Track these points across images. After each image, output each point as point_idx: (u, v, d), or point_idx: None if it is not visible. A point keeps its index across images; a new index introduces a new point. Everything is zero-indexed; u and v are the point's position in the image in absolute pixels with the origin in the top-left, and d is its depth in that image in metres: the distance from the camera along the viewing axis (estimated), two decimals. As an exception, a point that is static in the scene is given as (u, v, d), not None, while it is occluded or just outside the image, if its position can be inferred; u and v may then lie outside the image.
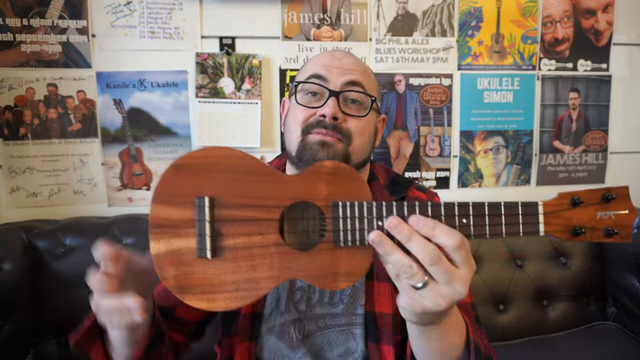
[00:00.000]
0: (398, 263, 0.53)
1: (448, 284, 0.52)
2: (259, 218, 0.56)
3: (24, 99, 1.56)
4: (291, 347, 0.82)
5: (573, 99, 1.89)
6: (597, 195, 0.56)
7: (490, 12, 1.80)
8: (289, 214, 0.61)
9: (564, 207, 0.56)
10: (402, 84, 1.78)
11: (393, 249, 0.53)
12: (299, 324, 0.83)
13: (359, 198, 0.56)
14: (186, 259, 0.55)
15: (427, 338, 0.61)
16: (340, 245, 0.56)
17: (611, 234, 0.55)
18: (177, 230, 0.55)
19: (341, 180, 0.57)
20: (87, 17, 1.57)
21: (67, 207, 1.62)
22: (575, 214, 0.56)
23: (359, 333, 0.82)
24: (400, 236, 0.53)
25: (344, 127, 0.79)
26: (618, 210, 0.56)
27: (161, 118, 1.65)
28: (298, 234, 0.62)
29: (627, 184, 0.56)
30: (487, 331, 1.66)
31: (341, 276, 0.56)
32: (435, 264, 0.52)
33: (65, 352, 1.39)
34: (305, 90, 0.83)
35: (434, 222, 0.53)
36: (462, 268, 0.53)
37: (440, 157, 1.84)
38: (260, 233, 0.56)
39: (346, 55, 0.85)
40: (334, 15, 1.71)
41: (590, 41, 1.87)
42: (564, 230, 0.56)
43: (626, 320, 1.65)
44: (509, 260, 1.65)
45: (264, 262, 0.56)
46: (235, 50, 1.66)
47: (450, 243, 0.52)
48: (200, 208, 0.55)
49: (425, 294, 0.53)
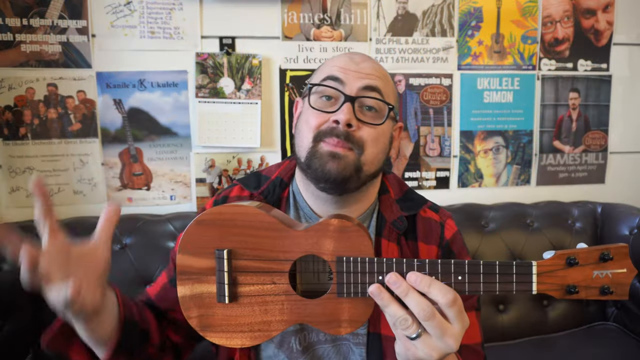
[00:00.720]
0: (394, 315, 0.58)
1: (440, 338, 0.56)
2: (272, 269, 0.63)
3: (24, 99, 1.56)
4: (290, 357, 0.82)
5: (573, 99, 1.89)
6: (594, 255, 0.57)
7: (490, 12, 1.80)
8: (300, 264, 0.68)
9: (558, 267, 0.57)
10: (402, 84, 1.78)
11: (390, 301, 0.58)
12: (300, 334, 0.82)
13: (362, 253, 0.62)
14: (207, 302, 0.64)
15: None
16: (344, 296, 0.62)
17: (606, 292, 0.57)
18: (199, 277, 0.64)
19: (346, 236, 0.62)
20: (87, 17, 1.57)
21: (67, 207, 1.62)
22: (570, 273, 0.57)
23: (358, 352, 0.82)
24: (398, 291, 0.58)
25: (357, 135, 0.75)
26: (615, 269, 0.57)
27: (161, 118, 1.65)
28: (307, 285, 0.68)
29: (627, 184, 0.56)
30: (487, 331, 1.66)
31: (344, 323, 0.63)
32: (428, 320, 0.56)
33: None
34: (319, 93, 0.79)
35: (430, 279, 0.57)
36: (454, 324, 0.57)
37: (440, 157, 1.84)
38: (272, 282, 0.63)
39: (365, 59, 0.82)
40: (334, 15, 1.71)
41: (590, 41, 1.87)
42: (557, 289, 0.58)
43: (626, 320, 1.65)
44: (509, 260, 1.65)
45: (276, 307, 0.64)
46: (235, 50, 1.66)
47: (443, 301, 0.56)
48: (219, 260, 0.63)
49: (419, 344, 0.57)
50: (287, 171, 0.90)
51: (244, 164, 1.71)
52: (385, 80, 0.82)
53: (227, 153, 1.69)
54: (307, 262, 0.68)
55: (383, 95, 0.78)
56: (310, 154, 0.76)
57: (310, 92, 0.80)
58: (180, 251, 0.64)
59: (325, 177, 0.74)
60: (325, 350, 0.83)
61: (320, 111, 0.77)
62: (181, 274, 0.64)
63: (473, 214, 1.69)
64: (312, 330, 0.83)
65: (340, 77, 0.77)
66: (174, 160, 1.67)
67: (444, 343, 0.56)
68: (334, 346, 0.83)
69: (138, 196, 1.67)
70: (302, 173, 0.81)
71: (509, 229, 1.67)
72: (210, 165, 1.69)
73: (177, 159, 1.67)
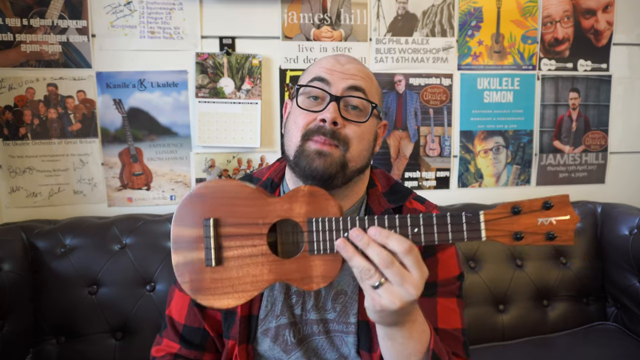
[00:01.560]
0: (359, 266, 0.62)
1: (400, 285, 0.61)
2: (252, 233, 0.70)
3: (24, 99, 1.56)
4: (285, 350, 0.85)
5: (573, 99, 1.89)
6: (537, 203, 0.62)
7: (490, 12, 1.80)
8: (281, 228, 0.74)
9: (504, 215, 0.62)
10: (402, 84, 1.78)
11: (354, 253, 0.63)
12: (294, 328, 0.85)
13: (330, 214, 0.68)
14: (197, 268, 0.70)
15: (392, 340, 0.69)
16: (315, 253, 0.68)
17: (552, 237, 0.62)
18: (190, 245, 0.71)
19: (315, 200, 0.69)
20: (87, 17, 1.57)
21: (67, 207, 1.62)
22: (515, 221, 0.62)
23: (350, 341, 0.84)
24: (360, 244, 0.63)
25: (343, 133, 0.79)
26: (558, 216, 0.61)
27: (161, 118, 1.65)
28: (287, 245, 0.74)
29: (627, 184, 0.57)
30: (487, 331, 1.67)
31: (316, 278, 0.68)
32: (388, 267, 0.61)
33: (65, 352, 1.39)
34: (306, 93, 0.82)
35: (388, 232, 0.63)
36: (412, 272, 0.61)
37: (440, 157, 1.84)
38: (252, 245, 0.69)
39: (350, 61, 0.85)
40: (334, 15, 1.71)
41: (590, 41, 1.87)
42: (504, 235, 0.62)
43: (626, 320, 1.65)
44: (509, 260, 1.65)
45: (256, 268, 0.69)
46: (235, 50, 1.66)
47: (400, 249, 0.61)
48: (206, 227, 0.70)
49: (382, 293, 0.61)
50: (277, 172, 0.93)
51: (244, 164, 1.71)
52: (370, 81, 0.85)
53: (227, 153, 1.69)
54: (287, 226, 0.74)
55: (367, 95, 0.82)
56: (298, 152, 0.80)
57: (298, 93, 0.83)
58: (175, 223, 0.71)
59: (313, 174, 0.78)
60: (319, 341, 0.86)
61: (307, 111, 0.80)
62: (175, 243, 0.71)
63: (473, 214, 1.69)
64: (305, 323, 0.85)
65: (326, 78, 0.81)
66: (174, 160, 1.67)
67: (404, 290, 0.60)
68: (328, 337, 0.85)
69: (138, 196, 1.67)
70: (291, 171, 0.85)
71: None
72: (210, 165, 1.69)
73: (177, 159, 1.67)
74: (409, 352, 0.69)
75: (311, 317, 0.85)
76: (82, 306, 1.39)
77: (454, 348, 0.82)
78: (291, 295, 0.86)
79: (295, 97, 0.83)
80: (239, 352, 0.84)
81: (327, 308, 0.86)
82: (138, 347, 1.41)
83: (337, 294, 0.85)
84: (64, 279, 1.39)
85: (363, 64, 0.88)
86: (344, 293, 0.85)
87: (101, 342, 1.41)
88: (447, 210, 1.60)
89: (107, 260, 1.42)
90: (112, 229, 1.46)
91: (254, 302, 0.85)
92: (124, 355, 1.41)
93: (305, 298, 0.85)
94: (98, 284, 1.41)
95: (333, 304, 0.85)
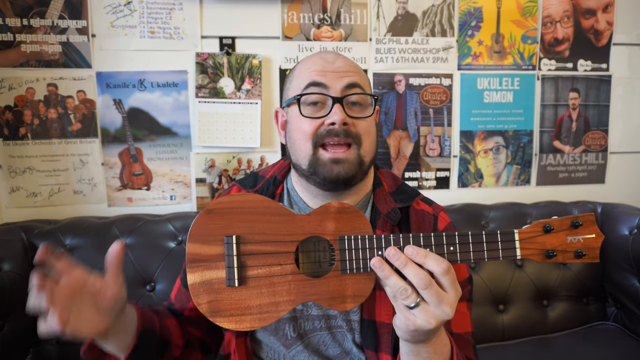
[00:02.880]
0: (395, 286, 0.61)
1: (437, 306, 0.60)
2: (278, 251, 0.67)
3: (24, 99, 1.56)
4: (285, 344, 0.85)
5: (573, 99, 1.89)
6: (566, 222, 0.64)
7: (490, 12, 1.80)
8: (304, 247, 0.71)
9: (537, 234, 0.64)
10: (402, 84, 1.78)
11: (391, 273, 0.62)
12: (294, 322, 0.85)
13: (362, 232, 0.66)
14: (217, 288, 0.66)
15: (417, 356, 0.68)
16: (347, 273, 0.66)
17: (580, 255, 0.64)
18: (208, 264, 0.67)
19: (346, 217, 0.67)
20: (87, 17, 1.57)
21: (67, 207, 1.62)
22: (547, 239, 0.64)
23: (351, 338, 0.85)
24: (397, 263, 0.62)
25: (354, 131, 0.80)
26: (586, 235, 0.64)
27: (161, 118, 1.65)
28: (311, 264, 0.72)
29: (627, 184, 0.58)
30: (487, 331, 1.66)
31: (348, 298, 0.66)
32: (426, 288, 0.60)
33: (65, 352, 1.39)
34: (304, 101, 0.82)
35: (425, 251, 0.62)
36: (449, 292, 0.61)
37: (440, 157, 1.84)
38: (279, 264, 0.66)
39: (337, 57, 0.85)
40: (334, 15, 1.71)
41: (590, 41, 1.87)
42: (538, 253, 0.64)
43: (626, 320, 1.65)
44: (508, 260, 1.65)
45: (283, 288, 0.66)
46: (235, 50, 1.66)
47: (438, 270, 0.61)
48: (228, 245, 0.66)
49: (418, 313, 0.61)
50: (281, 170, 0.94)
51: (244, 164, 1.71)
52: (360, 74, 0.86)
53: (227, 153, 1.69)
54: (309, 244, 0.71)
55: (363, 88, 0.83)
56: (312, 162, 0.80)
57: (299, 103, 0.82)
58: (190, 240, 0.67)
59: (334, 180, 0.79)
60: (321, 337, 0.86)
61: (312, 118, 0.80)
62: (191, 262, 0.66)
63: (473, 214, 1.69)
64: (306, 319, 0.85)
65: (322, 82, 0.81)
66: (174, 160, 1.67)
67: (441, 310, 0.60)
68: (330, 333, 0.86)
69: (138, 196, 1.67)
70: (304, 179, 0.85)
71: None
72: (210, 165, 1.69)
73: (177, 159, 1.67)
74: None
75: (313, 313, 0.85)
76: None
77: (466, 352, 0.83)
78: None
79: (298, 106, 0.82)
80: (237, 346, 0.84)
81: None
82: (138, 347, 1.41)
83: None
84: (64, 279, 1.39)
85: (347, 57, 0.88)
86: None
87: (101, 342, 1.41)
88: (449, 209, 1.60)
89: (107, 260, 1.42)
90: (112, 229, 1.46)
91: None
92: (124, 355, 1.41)
93: None
94: (98, 284, 1.41)
95: None
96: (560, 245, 0.64)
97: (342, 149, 0.79)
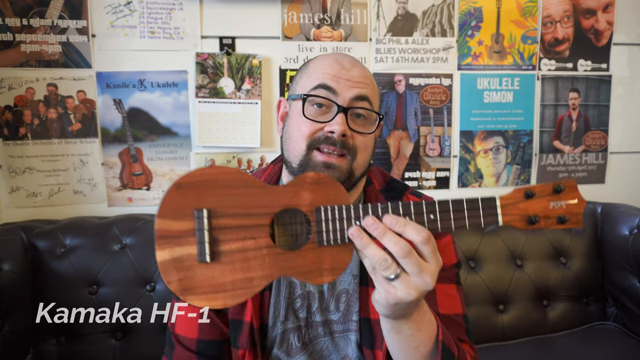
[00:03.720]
0: (374, 256, 0.59)
1: (418, 275, 0.58)
2: (252, 224, 0.63)
3: (24, 99, 1.56)
4: (289, 352, 0.84)
5: (573, 99, 1.89)
6: (548, 188, 0.62)
7: (490, 12, 1.80)
8: (279, 220, 0.68)
9: (518, 200, 0.63)
10: (402, 84, 1.78)
11: (369, 242, 0.60)
12: (299, 332, 0.84)
13: (338, 203, 0.63)
14: (187, 265, 0.62)
15: (398, 333, 0.66)
16: (324, 244, 0.63)
17: (563, 220, 0.62)
18: (179, 240, 0.62)
19: (322, 188, 0.64)
20: (87, 17, 1.57)
21: (67, 207, 1.62)
22: (529, 205, 0.62)
23: (353, 339, 0.84)
24: (375, 233, 0.59)
25: (351, 143, 0.78)
26: (568, 200, 0.62)
27: (161, 118, 1.65)
28: (287, 237, 0.68)
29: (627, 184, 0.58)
30: (487, 331, 1.66)
31: (325, 271, 0.63)
32: (406, 257, 0.58)
33: (65, 352, 1.39)
34: (310, 101, 0.80)
35: (405, 220, 0.60)
36: (430, 261, 0.59)
37: (440, 157, 1.84)
38: (253, 237, 0.63)
39: (354, 64, 0.83)
40: (334, 15, 1.71)
41: (590, 41, 1.87)
42: (520, 219, 0.62)
43: (626, 320, 1.65)
44: (509, 260, 1.65)
45: (257, 262, 0.63)
46: (235, 50, 1.66)
47: (418, 239, 0.59)
48: (199, 219, 0.62)
49: (398, 284, 0.59)
50: (272, 176, 0.92)
51: (244, 164, 1.71)
52: (373, 87, 0.84)
53: (227, 153, 1.69)
54: (285, 217, 0.68)
55: (372, 104, 0.81)
56: (303, 162, 0.79)
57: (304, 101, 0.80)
58: (159, 216, 0.63)
59: None
60: (324, 343, 0.85)
61: (313, 121, 0.79)
62: (160, 238, 0.62)
63: (473, 214, 1.69)
64: (311, 326, 0.84)
65: (332, 87, 0.79)
66: (174, 160, 1.67)
67: (422, 280, 0.58)
68: (332, 339, 0.85)
69: (138, 196, 1.67)
70: (292, 176, 0.83)
71: (509, 229, 1.66)
72: (210, 165, 1.69)
73: (177, 159, 1.67)
74: (416, 344, 0.67)
75: (316, 320, 0.85)
76: (82, 306, 1.39)
77: (457, 333, 0.81)
78: (295, 299, 0.85)
79: (302, 104, 0.80)
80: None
81: (331, 309, 0.85)
82: (138, 347, 1.41)
83: (340, 293, 0.85)
84: (64, 279, 1.39)
85: (364, 65, 0.86)
86: (345, 292, 0.85)
87: (101, 342, 1.41)
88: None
89: (107, 260, 1.42)
90: (112, 229, 1.46)
91: (263, 310, 0.83)
92: (124, 355, 1.41)
93: (310, 301, 0.85)
94: (98, 284, 1.41)
95: (337, 304, 0.85)
96: (542, 211, 0.62)
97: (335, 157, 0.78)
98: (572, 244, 1.69)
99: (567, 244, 1.69)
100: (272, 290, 0.84)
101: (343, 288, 0.85)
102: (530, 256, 1.66)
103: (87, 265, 1.41)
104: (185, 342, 0.85)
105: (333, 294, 0.85)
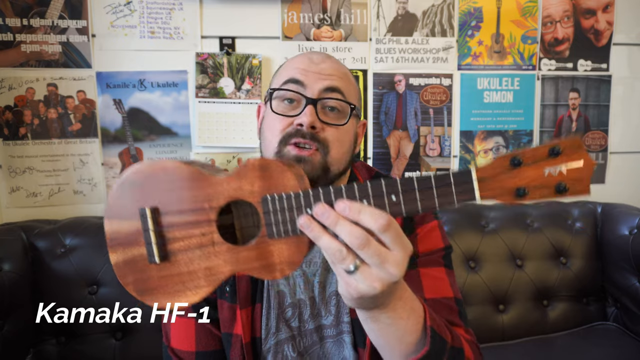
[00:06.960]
0: (328, 248, 0.52)
1: (380, 267, 0.51)
2: (198, 220, 0.59)
3: (24, 99, 1.56)
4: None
5: (573, 99, 1.89)
6: (542, 151, 0.49)
7: (490, 12, 1.80)
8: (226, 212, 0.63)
9: (502, 170, 0.50)
10: (402, 84, 1.78)
11: (321, 233, 0.53)
12: (293, 341, 0.82)
13: (287, 189, 0.57)
14: (140, 266, 0.61)
15: (376, 322, 0.60)
16: (275, 237, 0.57)
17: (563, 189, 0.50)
18: (128, 240, 0.61)
19: (268, 175, 0.58)
20: (87, 17, 1.57)
21: (67, 207, 1.62)
22: (517, 174, 0.50)
23: (348, 340, 0.82)
24: (327, 222, 0.52)
25: (322, 136, 0.75)
26: (570, 163, 0.49)
27: (161, 118, 1.65)
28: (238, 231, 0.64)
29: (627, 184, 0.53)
30: (487, 331, 1.66)
31: (279, 265, 0.58)
32: (363, 248, 0.51)
33: (65, 352, 1.39)
34: (280, 97, 0.78)
35: (360, 205, 0.52)
36: (394, 249, 0.52)
37: (440, 157, 1.84)
38: (201, 234, 0.59)
39: (325, 59, 0.81)
40: (334, 15, 1.71)
41: (590, 41, 1.87)
42: (504, 193, 0.51)
43: (626, 320, 1.65)
44: (509, 260, 1.65)
45: (209, 260, 0.59)
46: (235, 50, 1.66)
47: (376, 226, 0.51)
48: (143, 218, 0.59)
49: (359, 277, 0.52)
50: None
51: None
52: (347, 80, 0.81)
53: (227, 153, 1.69)
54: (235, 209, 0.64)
55: (345, 95, 0.78)
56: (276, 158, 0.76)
57: (271, 97, 0.79)
58: (107, 216, 0.61)
59: None
60: (321, 350, 0.83)
61: (282, 115, 0.77)
62: (111, 241, 0.61)
63: (473, 214, 1.69)
64: (305, 335, 0.83)
65: (300, 80, 0.77)
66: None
67: (385, 271, 0.51)
68: (327, 344, 0.83)
69: (138, 196, 1.66)
70: None
71: (509, 229, 1.66)
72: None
73: (177, 159, 1.68)
74: (400, 333, 0.61)
75: (309, 327, 0.83)
76: (82, 306, 1.39)
77: (449, 317, 0.77)
78: (286, 309, 0.82)
79: (269, 101, 0.79)
80: None
81: (323, 314, 0.83)
82: (138, 347, 1.41)
83: (330, 296, 0.83)
84: (64, 279, 1.39)
85: (339, 62, 0.84)
86: (335, 294, 0.83)
87: (101, 342, 1.41)
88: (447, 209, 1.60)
89: (107, 260, 1.40)
90: (112, 229, 1.46)
91: (254, 323, 0.81)
92: (124, 355, 1.41)
93: (302, 309, 0.83)
94: (98, 284, 1.41)
95: (327, 308, 0.83)
96: (534, 180, 0.49)
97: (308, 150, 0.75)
98: (572, 244, 1.69)
99: (567, 244, 1.69)
100: (263, 302, 0.82)
101: (333, 290, 0.83)
102: (530, 256, 1.66)
103: (87, 265, 1.41)
104: (183, 355, 0.83)
105: (324, 298, 0.83)
